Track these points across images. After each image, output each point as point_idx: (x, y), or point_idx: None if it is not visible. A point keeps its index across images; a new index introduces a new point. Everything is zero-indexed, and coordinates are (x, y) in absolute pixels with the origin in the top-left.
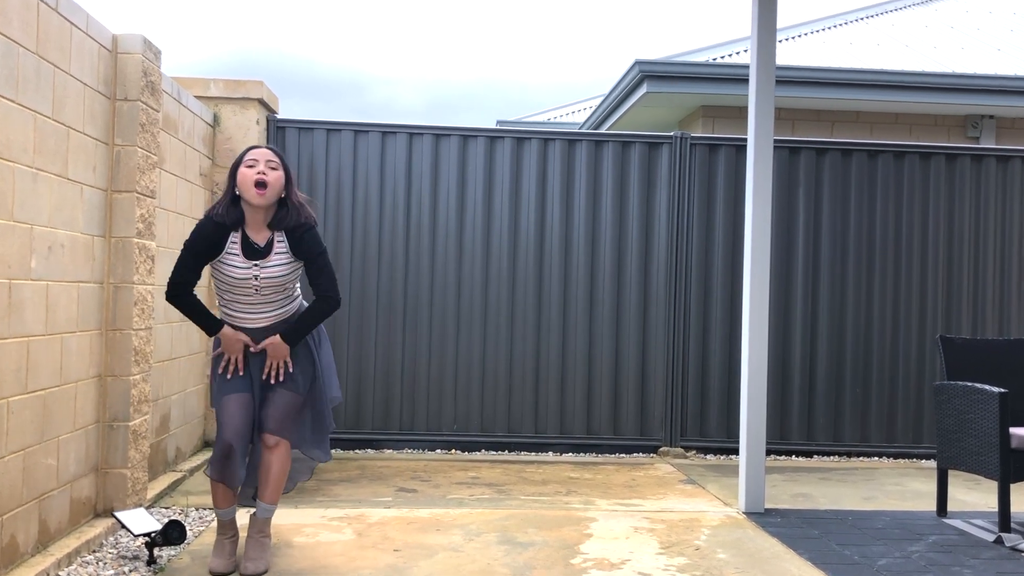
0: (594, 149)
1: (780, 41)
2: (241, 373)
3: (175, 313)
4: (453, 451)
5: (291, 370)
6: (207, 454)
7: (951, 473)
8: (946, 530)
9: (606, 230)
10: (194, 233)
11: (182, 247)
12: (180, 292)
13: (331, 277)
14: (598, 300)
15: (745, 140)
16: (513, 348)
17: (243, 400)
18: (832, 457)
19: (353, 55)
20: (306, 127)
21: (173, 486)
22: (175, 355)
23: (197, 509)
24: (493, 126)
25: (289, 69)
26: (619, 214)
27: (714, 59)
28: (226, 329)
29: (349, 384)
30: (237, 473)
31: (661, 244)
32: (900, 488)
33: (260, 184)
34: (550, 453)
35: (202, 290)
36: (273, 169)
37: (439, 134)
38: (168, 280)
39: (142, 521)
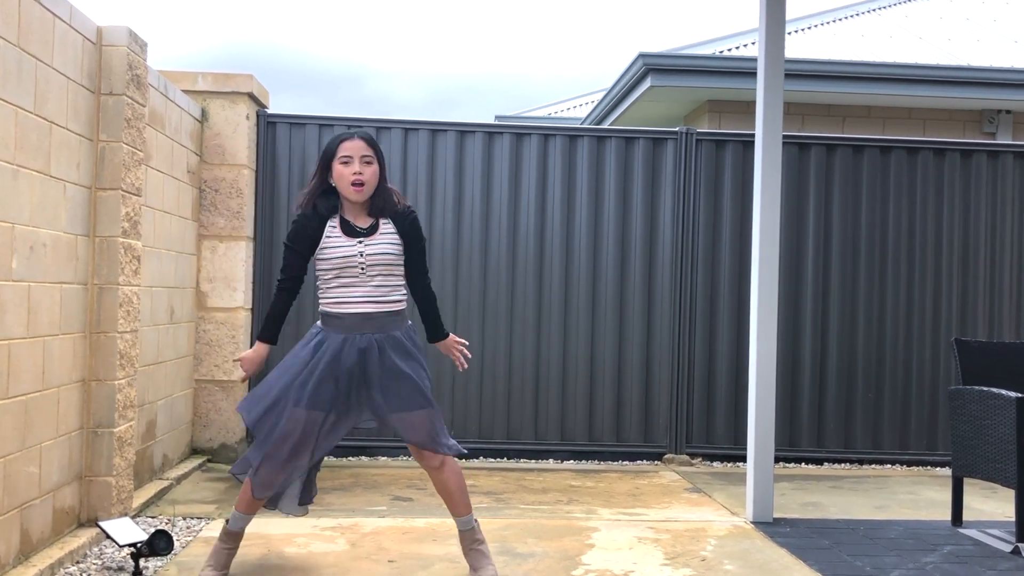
0: (596, 145)
1: (789, 33)
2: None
3: (162, 315)
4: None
5: (421, 385)
6: (195, 461)
7: (966, 481)
8: (961, 540)
9: (609, 229)
10: (295, 227)
11: (286, 242)
12: (291, 286)
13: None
14: (600, 302)
15: (753, 136)
16: (512, 351)
17: (316, 419)
18: (843, 465)
19: (350, 48)
20: (297, 122)
21: (160, 495)
22: (162, 359)
23: (184, 519)
24: (491, 121)
25: (284, 62)
26: (622, 213)
27: (721, 52)
28: (259, 348)
29: None
30: (279, 489)
31: (666, 244)
32: (914, 497)
33: (357, 184)
34: (551, 460)
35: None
36: (368, 164)
37: (435, 130)
38: (280, 276)
39: (127, 531)
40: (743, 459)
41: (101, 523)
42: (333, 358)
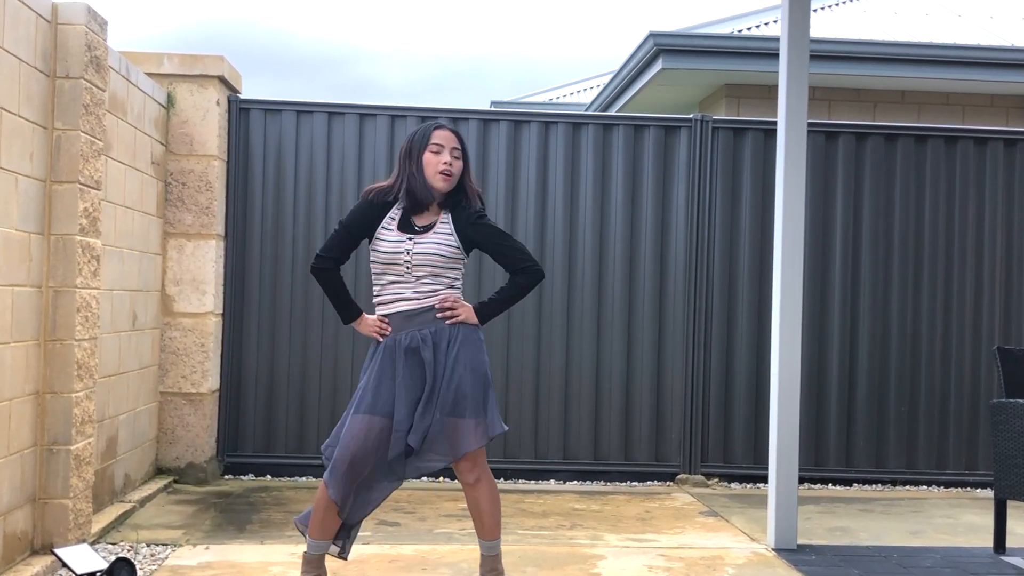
0: (602, 134)
1: (814, 11)
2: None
3: (124, 321)
4: (441, 479)
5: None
6: (160, 482)
7: (1010, 504)
8: (1005, 569)
9: (616, 227)
10: (357, 206)
11: (339, 223)
12: (327, 266)
13: (522, 249)
14: (607, 307)
15: (775, 123)
16: (510, 361)
17: (376, 425)
18: (874, 486)
19: (335, 27)
20: (273, 108)
21: (121, 519)
22: (123, 369)
23: (148, 545)
24: (487, 108)
25: (262, 43)
26: (631, 208)
27: (739, 31)
28: (365, 317)
29: (323, 402)
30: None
31: (679, 242)
32: (952, 521)
33: (446, 173)
34: (552, 481)
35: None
36: (457, 159)
37: (425, 116)
38: (317, 253)
39: (86, 559)
40: (764, 480)
41: (57, 550)
42: (386, 358)
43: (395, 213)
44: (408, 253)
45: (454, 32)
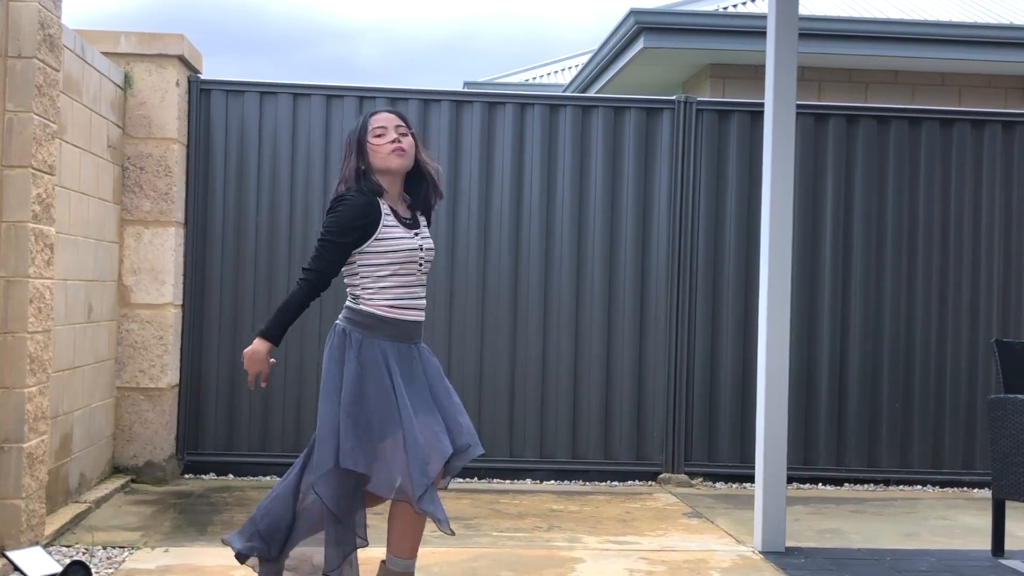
0: (581, 116)
1: None
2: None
3: (79, 313)
4: None
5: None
6: (117, 481)
7: (1009, 505)
8: (1003, 573)
9: (595, 214)
10: (346, 209)
11: (326, 231)
12: (321, 286)
13: None
14: (585, 297)
15: (762, 105)
16: (484, 355)
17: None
18: (866, 486)
19: (306, 5)
20: (235, 89)
21: (76, 520)
22: (79, 363)
23: (104, 548)
24: (460, 89)
25: (228, 21)
26: (611, 194)
27: (724, 8)
28: (262, 344)
29: (287, 398)
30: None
31: (661, 230)
32: (948, 523)
33: (399, 150)
34: (528, 481)
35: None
36: (403, 135)
37: (395, 98)
38: (306, 267)
39: (39, 562)
40: (750, 479)
41: (8, 553)
42: (403, 368)
43: (385, 208)
44: (422, 250)
45: (429, 10)
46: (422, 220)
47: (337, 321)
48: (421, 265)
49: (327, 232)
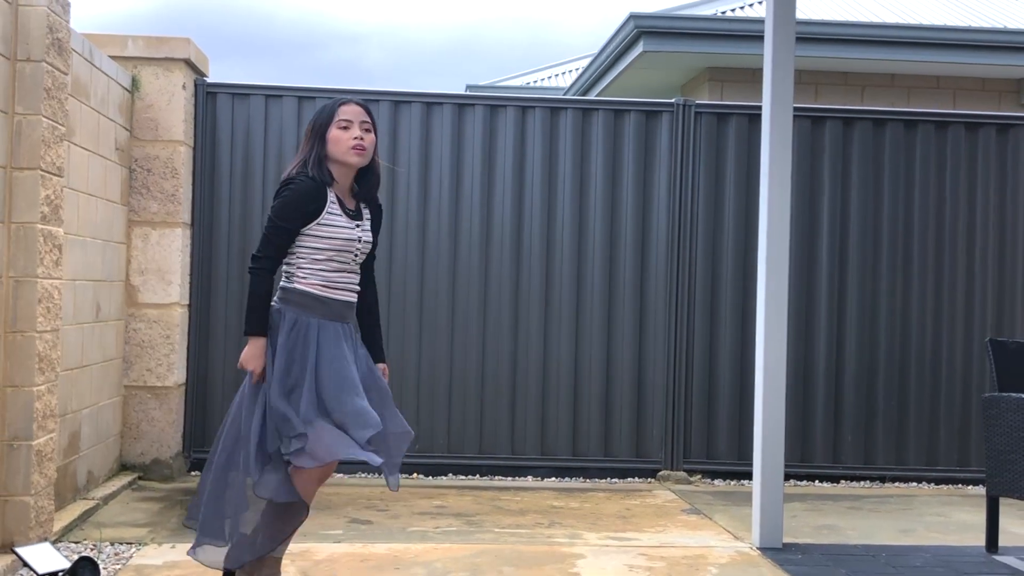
0: (581, 119)
1: None
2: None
3: (87, 313)
4: (415, 475)
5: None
6: (124, 479)
7: (1003, 501)
8: (997, 569)
9: (595, 215)
10: (292, 195)
11: (273, 215)
12: (273, 269)
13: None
14: (586, 297)
15: (759, 108)
16: (486, 355)
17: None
18: (862, 483)
19: (312, 8)
20: (241, 92)
21: (84, 516)
22: (87, 362)
23: (112, 544)
24: (462, 92)
25: (234, 25)
26: (611, 196)
27: (722, 12)
28: (259, 343)
29: None
30: None
31: (660, 231)
32: (943, 519)
33: (359, 148)
34: (529, 478)
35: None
36: (367, 131)
37: (399, 101)
38: (255, 254)
39: (47, 558)
40: (748, 476)
41: (17, 549)
42: (337, 340)
43: (332, 196)
44: (359, 241)
45: (434, 15)
46: (366, 212)
47: (272, 302)
48: (356, 256)
49: (275, 217)
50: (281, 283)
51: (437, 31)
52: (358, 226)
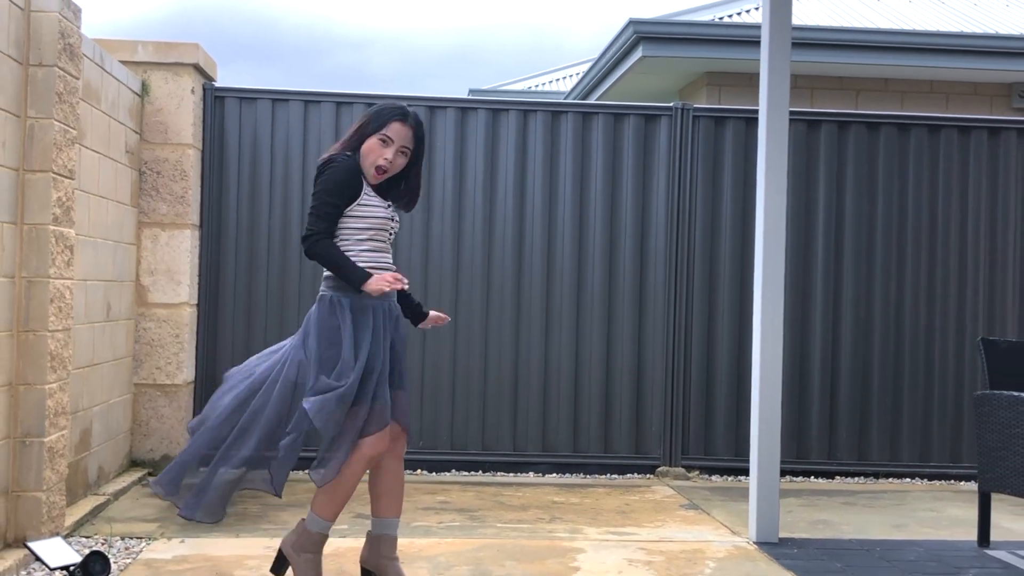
0: (582, 122)
1: None
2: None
3: (98, 312)
4: (419, 471)
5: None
6: (134, 475)
7: (995, 497)
8: (989, 563)
9: (596, 216)
10: (338, 173)
11: (321, 191)
12: (328, 234)
13: None
14: (586, 297)
15: (756, 112)
16: (488, 353)
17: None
18: (857, 479)
19: (319, 15)
20: (248, 96)
21: (95, 512)
22: (97, 360)
23: (122, 538)
24: (464, 96)
25: (243, 31)
26: (611, 197)
27: (720, 18)
28: (373, 275)
29: None
30: None
31: (659, 232)
32: (935, 514)
33: (382, 169)
34: (531, 474)
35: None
36: (402, 155)
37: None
38: (307, 233)
39: (59, 552)
40: (745, 472)
41: (30, 544)
42: (380, 321)
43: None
44: (393, 220)
45: (438, 20)
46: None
47: (321, 292)
48: (390, 235)
49: (323, 192)
50: (325, 272)
51: (441, 36)
52: (389, 206)
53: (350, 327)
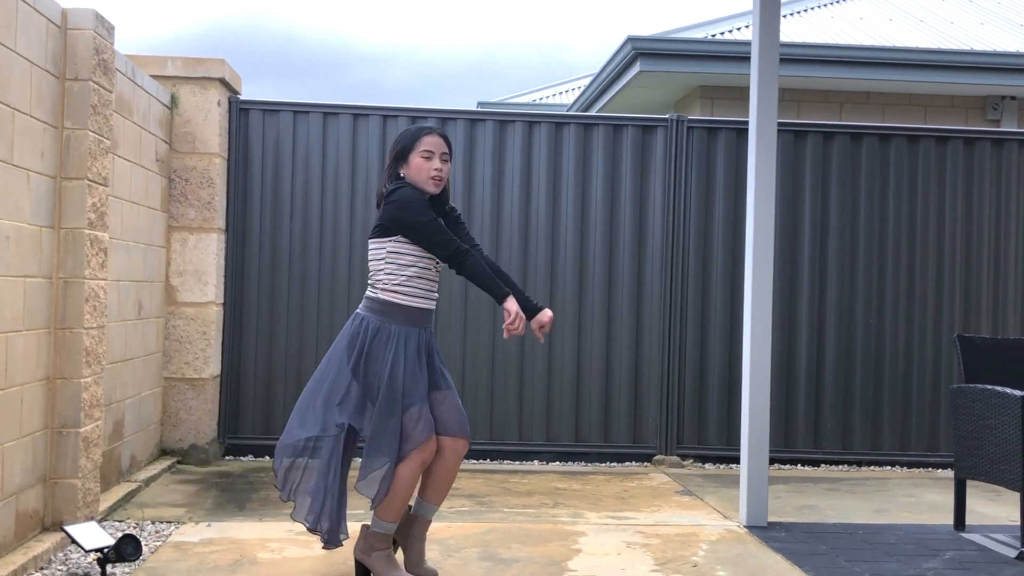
0: (583, 133)
1: (784, 16)
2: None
3: (130, 310)
4: None
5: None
6: (164, 463)
7: (969, 484)
8: (964, 545)
9: (596, 221)
10: (419, 205)
11: (421, 224)
12: (464, 248)
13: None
14: (587, 296)
15: (746, 123)
16: (495, 349)
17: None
18: (841, 466)
19: (339, 32)
20: (271, 109)
21: (127, 498)
22: (129, 356)
23: (153, 523)
24: (474, 108)
25: (268, 47)
26: (610, 203)
27: (713, 35)
28: (513, 301)
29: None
30: None
31: (656, 236)
32: (914, 500)
33: (438, 179)
34: (535, 462)
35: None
36: (446, 162)
37: (416, 116)
38: (450, 251)
39: (94, 536)
40: (736, 460)
41: (66, 527)
42: (414, 350)
43: None
44: None
45: (452, 37)
46: None
47: (358, 310)
48: (437, 263)
49: (416, 218)
50: (367, 292)
51: (456, 52)
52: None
53: (393, 352)
